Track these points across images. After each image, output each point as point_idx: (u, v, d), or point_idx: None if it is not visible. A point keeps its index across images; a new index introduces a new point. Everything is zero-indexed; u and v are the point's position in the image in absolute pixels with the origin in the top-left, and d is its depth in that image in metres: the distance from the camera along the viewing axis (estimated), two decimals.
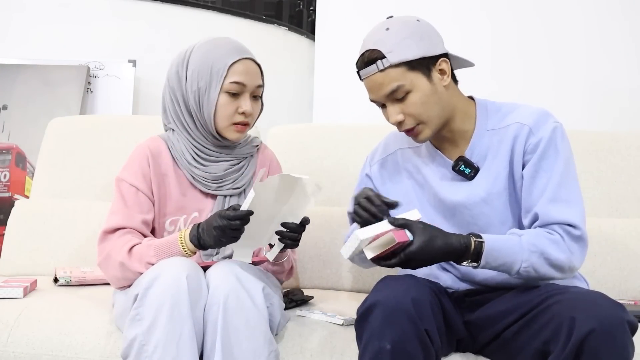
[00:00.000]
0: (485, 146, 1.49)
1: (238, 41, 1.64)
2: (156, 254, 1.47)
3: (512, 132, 1.47)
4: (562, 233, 1.38)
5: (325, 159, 2.16)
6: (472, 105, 1.54)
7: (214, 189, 1.63)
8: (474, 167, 1.49)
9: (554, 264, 1.36)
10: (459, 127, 1.51)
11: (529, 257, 1.35)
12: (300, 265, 2.02)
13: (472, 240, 1.34)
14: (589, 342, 1.17)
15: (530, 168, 1.44)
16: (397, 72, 1.42)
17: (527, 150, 1.45)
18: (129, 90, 3.10)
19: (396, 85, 1.42)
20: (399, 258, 1.30)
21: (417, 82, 1.43)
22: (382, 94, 1.45)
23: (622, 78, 2.76)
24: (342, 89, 2.97)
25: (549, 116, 1.47)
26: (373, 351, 1.27)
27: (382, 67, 1.42)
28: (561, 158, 1.43)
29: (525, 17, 2.82)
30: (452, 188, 1.51)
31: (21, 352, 1.50)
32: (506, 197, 1.48)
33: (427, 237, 1.30)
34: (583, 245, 1.40)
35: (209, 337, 1.36)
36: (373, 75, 1.44)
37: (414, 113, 1.45)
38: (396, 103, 1.45)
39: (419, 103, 1.44)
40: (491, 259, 1.34)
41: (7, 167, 2.88)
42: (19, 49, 3.10)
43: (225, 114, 1.59)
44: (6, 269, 2.06)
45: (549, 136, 1.43)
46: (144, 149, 1.63)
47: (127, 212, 1.56)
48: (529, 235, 1.38)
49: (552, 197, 1.40)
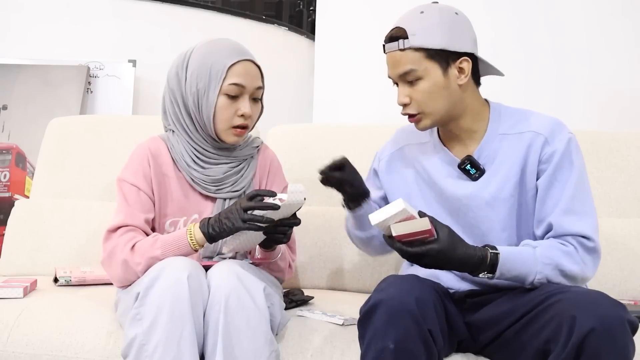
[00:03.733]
0: (494, 149, 1.50)
1: (238, 42, 1.64)
2: (161, 247, 1.46)
3: (527, 140, 1.47)
4: (575, 245, 1.39)
5: (325, 159, 2.14)
6: (486, 107, 1.54)
7: (213, 191, 1.63)
8: (480, 169, 1.49)
9: (568, 275, 1.37)
10: (468, 127, 1.51)
11: (542, 269, 1.36)
12: (300, 265, 2.02)
13: (488, 252, 1.35)
14: (589, 341, 1.17)
15: (545, 179, 1.45)
16: (414, 56, 1.44)
17: (542, 159, 1.45)
18: (129, 90, 3.10)
19: (409, 68, 1.45)
20: (419, 248, 1.29)
21: (431, 71, 1.44)
22: (396, 73, 1.48)
23: (622, 78, 2.76)
24: (342, 89, 2.97)
25: (563, 127, 1.48)
26: (376, 350, 1.27)
27: (402, 46, 1.45)
28: (575, 170, 1.44)
29: (527, 18, 2.82)
30: (456, 186, 1.52)
31: (21, 352, 1.50)
32: (512, 204, 1.48)
33: (450, 241, 1.31)
34: (596, 256, 1.41)
35: (210, 337, 1.36)
36: (393, 52, 1.47)
37: (419, 100, 1.46)
38: (406, 85, 1.47)
39: (427, 92, 1.45)
40: (505, 270, 1.35)
41: (7, 167, 2.88)
42: (19, 49, 3.10)
43: (224, 117, 1.58)
44: (6, 269, 2.06)
45: (564, 148, 1.44)
46: (144, 149, 1.63)
47: (130, 211, 1.56)
48: (542, 247, 1.39)
49: (566, 208, 1.41)
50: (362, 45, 2.90)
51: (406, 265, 1.66)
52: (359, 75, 2.92)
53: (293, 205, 1.43)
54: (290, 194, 1.40)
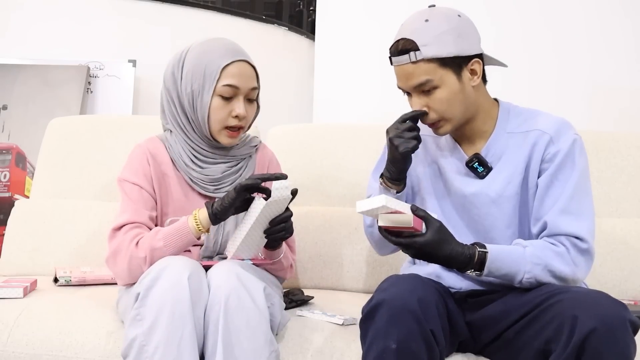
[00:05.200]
0: (501, 147, 1.50)
1: (234, 42, 1.63)
2: (163, 238, 1.47)
3: (532, 138, 1.47)
4: (568, 245, 1.39)
5: (325, 159, 2.16)
6: (496, 107, 1.54)
7: (212, 191, 1.63)
8: (487, 167, 1.50)
9: (558, 276, 1.37)
10: (479, 127, 1.52)
11: (532, 269, 1.36)
12: (300, 265, 2.02)
13: (477, 251, 1.36)
14: (590, 341, 1.17)
15: (545, 178, 1.45)
16: (428, 67, 1.42)
17: (545, 158, 1.45)
18: (129, 90, 3.10)
19: (425, 79, 1.43)
20: (404, 239, 1.34)
21: (446, 79, 1.43)
22: (410, 85, 1.46)
23: (623, 78, 2.76)
24: (342, 89, 2.97)
25: (570, 127, 1.48)
26: (378, 350, 1.27)
27: (414, 59, 1.42)
28: (577, 171, 1.44)
29: (528, 18, 2.82)
30: (463, 183, 1.52)
31: (21, 352, 1.50)
32: (517, 201, 1.48)
33: (438, 237, 1.34)
34: (589, 258, 1.41)
35: (210, 337, 1.36)
36: (404, 65, 1.44)
37: (438, 109, 1.45)
38: (422, 95, 1.46)
39: (445, 100, 1.44)
40: (494, 269, 1.37)
41: (7, 167, 2.88)
42: (19, 49, 3.10)
43: (218, 117, 1.58)
44: (6, 269, 2.05)
45: (568, 148, 1.44)
46: (142, 148, 1.63)
47: (135, 208, 1.56)
48: (533, 247, 1.39)
49: (563, 208, 1.41)
50: (362, 45, 2.90)
51: (407, 265, 1.67)
52: (359, 75, 2.92)
53: (281, 201, 1.44)
54: (275, 191, 1.41)
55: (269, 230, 1.49)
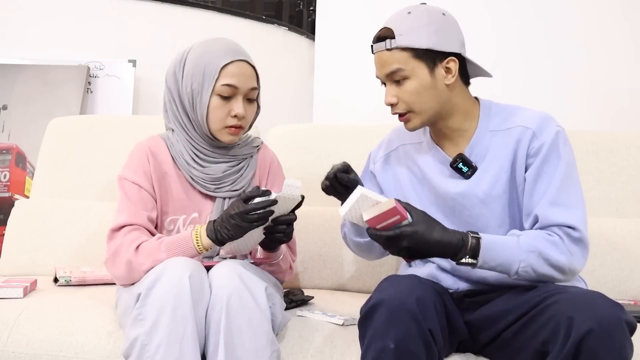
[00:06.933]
0: (485, 146, 1.50)
1: (235, 42, 1.63)
2: (167, 250, 1.46)
3: (515, 135, 1.47)
4: (561, 234, 1.38)
5: (325, 159, 2.16)
6: (477, 106, 1.54)
7: (213, 190, 1.63)
8: (472, 166, 1.50)
9: (554, 264, 1.36)
10: (458, 126, 1.52)
11: (527, 257, 1.35)
12: (300, 265, 2.02)
13: (470, 237, 1.35)
14: (587, 342, 1.17)
15: (532, 172, 1.45)
16: (401, 56, 1.45)
17: (530, 153, 1.45)
18: (129, 90, 3.10)
19: (396, 68, 1.46)
20: (392, 232, 1.30)
21: (417, 71, 1.45)
22: (383, 72, 1.49)
23: (622, 78, 2.76)
24: (342, 89, 2.97)
25: (552, 120, 1.48)
26: (376, 350, 1.27)
27: (389, 46, 1.46)
28: (563, 162, 1.43)
29: (525, 18, 2.82)
30: (450, 184, 1.52)
31: (21, 352, 1.50)
32: (506, 200, 1.48)
33: (425, 224, 1.32)
34: (584, 247, 1.40)
35: (211, 337, 1.36)
36: (381, 52, 1.48)
37: (406, 100, 1.47)
38: (394, 85, 1.49)
39: (414, 92, 1.46)
40: (488, 257, 1.35)
41: (7, 167, 2.88)
42: (19, 49, 3.10)
43: (217, 117, 1.58)
44: (6, 269, 2.06)
45: (551, 140, 1.44)
46: (143, 147, 1.64)
47: (133, 209, 1.56)
48: (527, 235, 1.39)
49: (553, 200, 1.41)
50: (362, 45, 2.87)
51: (405, 266, 1.67)
52: (359, 75, 2.91)
53: (289, 199, 1.43)
54: (286, 187, 1.40)
55: (270, 229, 1.48)
